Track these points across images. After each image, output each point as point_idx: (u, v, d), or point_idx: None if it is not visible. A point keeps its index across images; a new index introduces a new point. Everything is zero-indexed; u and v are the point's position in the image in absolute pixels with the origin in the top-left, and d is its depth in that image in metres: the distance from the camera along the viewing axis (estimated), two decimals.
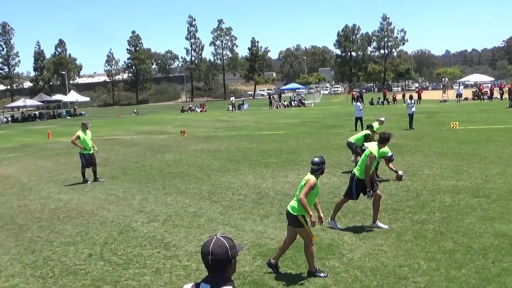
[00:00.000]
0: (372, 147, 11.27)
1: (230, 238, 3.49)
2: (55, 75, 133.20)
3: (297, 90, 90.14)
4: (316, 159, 8.65)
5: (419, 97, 58.81)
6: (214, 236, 3.47)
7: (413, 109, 30.96)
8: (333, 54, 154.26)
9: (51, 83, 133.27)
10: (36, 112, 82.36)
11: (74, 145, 18.27)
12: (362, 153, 14.79)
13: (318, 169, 8.52)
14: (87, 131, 18.27)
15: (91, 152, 18.05)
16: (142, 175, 18.59)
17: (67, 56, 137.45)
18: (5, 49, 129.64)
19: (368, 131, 17.43)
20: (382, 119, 19.15)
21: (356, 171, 11.19)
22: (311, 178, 8.44)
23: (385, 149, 11.67)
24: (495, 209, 11.43)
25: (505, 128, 28.08)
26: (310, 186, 8.34)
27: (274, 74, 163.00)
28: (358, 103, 34.09)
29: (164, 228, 11.45)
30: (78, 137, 17.96)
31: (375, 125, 18.06)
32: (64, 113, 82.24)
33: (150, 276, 8.51)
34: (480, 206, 11.69)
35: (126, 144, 30.64)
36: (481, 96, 63.51)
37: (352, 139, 17.51)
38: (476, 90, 66.50)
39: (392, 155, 14.61)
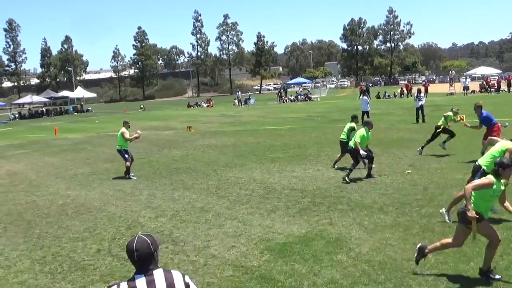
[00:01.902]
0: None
1: (151, 235, 4.10)
2: (62, 72, 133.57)
3: (303, 85, 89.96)
4: (505, 160, 7.63)
5: (426, 90, 58.49)
6: (136, 235, 4.04)
7: (420, 103, 30.79)
8: (339, 48, 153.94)
9: (58, 79, 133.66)
10: (43, 109, 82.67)
11: (131, 141, 17.96)
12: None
13: (498, 171, 7.46)
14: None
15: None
16: (149, 170, 18.63)
17: (74, 52, 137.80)
18: (11, 46, 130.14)
19: (353, 124, 16.89)
20: (455, 109, 19.16)
21: (484, 162, 10.48)
22: (491, 178, 7.44)
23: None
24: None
25: None
26: (484, 184, 7.38)
27: (280, 69, 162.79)
28: (365, 97, 33.95)
29: (171, 223, 11.47)
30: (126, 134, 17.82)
31: (449, 113, 18.66)
32: (71, 110, 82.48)
33: None
34: None
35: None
36: (488, 89, 63.24)
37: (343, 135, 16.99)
38: (483, 83, 66.22)
39: None
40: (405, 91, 66.36)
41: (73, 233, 11.24)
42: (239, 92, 76.41)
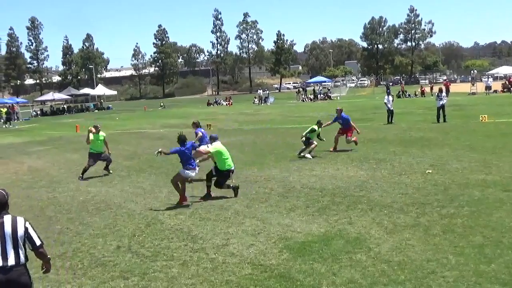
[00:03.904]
0: None
1: (3, 189, 6.06)
2: (83, 69, 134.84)
3: (323, 83, 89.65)
4: None
5: (447, 90, 57.96)
6: None
7: (441, 102, 30.44)
8: (360, 47, 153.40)
9: (79, 77, 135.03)
10: (65, 106, 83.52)
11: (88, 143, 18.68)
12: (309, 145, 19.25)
13: None
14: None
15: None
16: (168, 168, 18.68)
17: (95, 50, 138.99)
18: (34, 44, 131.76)
19: (315, 126, 20.23)
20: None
21: None
22: None
23: None
24: None
25: None
26: None
27: (300, 67, 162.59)
28: (389, 96, 33.25)
29: (191, 221, 11.51)
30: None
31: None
32: (92, 107, 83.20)
33: (177, 268, 8.57)
34: (509, 200, 11.50)
35: (152, 137, 30.88)
36: (511, 89, 62.47)
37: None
38: (506, 83, 65.40)
39: None
40: (427, 90, 65.82)
41: (94, 229, 11.34)
42: (260, 90, 76.28)
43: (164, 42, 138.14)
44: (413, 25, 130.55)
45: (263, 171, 17.10)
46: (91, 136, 18.29)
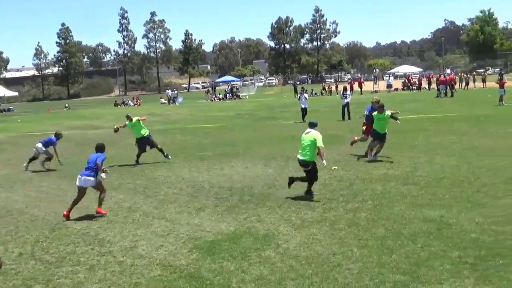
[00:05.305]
0: None
1: None
2: None
3: (231, 83, 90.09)
4: None
5: (351, 88, 59.84)
6: None
7: (346, 100, 31.46)
8: (267, 46, 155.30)
9: None
10: None
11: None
12: None
13: None
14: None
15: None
16: (74, 171, 18.10)
17: None
18: None
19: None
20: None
21: None
22: None
23: None
24: (424, 196, 11.85)
25: (433, 118, 29.14)
26: None
27: (209, 67, 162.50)
28: (305, 94, 33.80)
29: (98, 224, 11.23)
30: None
31: None
32: None
33: (84, 273, 8.34)
34: (409, 193, 12.07)
35: None
36: (410, 87, 65.49)
37: None
38: (406, 81, 68.50)
39: None
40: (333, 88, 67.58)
41: None
42: (169, 90, 75.48)
43: (68, 41, 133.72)
44: (318, 25, 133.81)
45: (172, 171, 16.96)
46: None
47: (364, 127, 18.33)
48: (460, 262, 7.85)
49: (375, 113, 17.26)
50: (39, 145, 18.99)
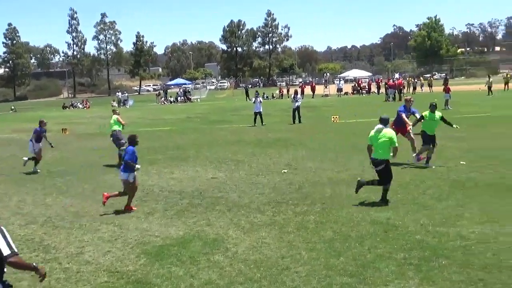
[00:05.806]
0: None
1: None
2: None
3: (183, 86, 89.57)
4: None
5: (302, 92, 60.40)
6: None
7: (297, 104, 31.72)
8: (219, 49, 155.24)
9: None
10: None
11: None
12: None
13: None
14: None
15: None
16: (19, 175, 17.68)
17: None
18: None
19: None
20: None
21: None
22: None
23: None
24: (371, 198, 12.03)
25: None
26: None
27: (160, 70, 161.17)
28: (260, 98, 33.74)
29: (43, 230, 10.96)
30: None
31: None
32: None
33: (28, 281, 8.11)
34: (357, 196, 12.22)
35: (1, 143, 29.03)
36: (360, 90, 66.60)
37: None
38: (355, 85, 69.62)
39: None
40: (285, 92, 68.03)
41: None
42: (119, 93, 74.42)
43: (14, 41, 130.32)
44: (270, 29, 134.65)
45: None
46: None
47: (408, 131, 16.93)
48: (405, 263, 8.01)
49: (425, 112, 16.19)
50: (32, 143, 18.54)
